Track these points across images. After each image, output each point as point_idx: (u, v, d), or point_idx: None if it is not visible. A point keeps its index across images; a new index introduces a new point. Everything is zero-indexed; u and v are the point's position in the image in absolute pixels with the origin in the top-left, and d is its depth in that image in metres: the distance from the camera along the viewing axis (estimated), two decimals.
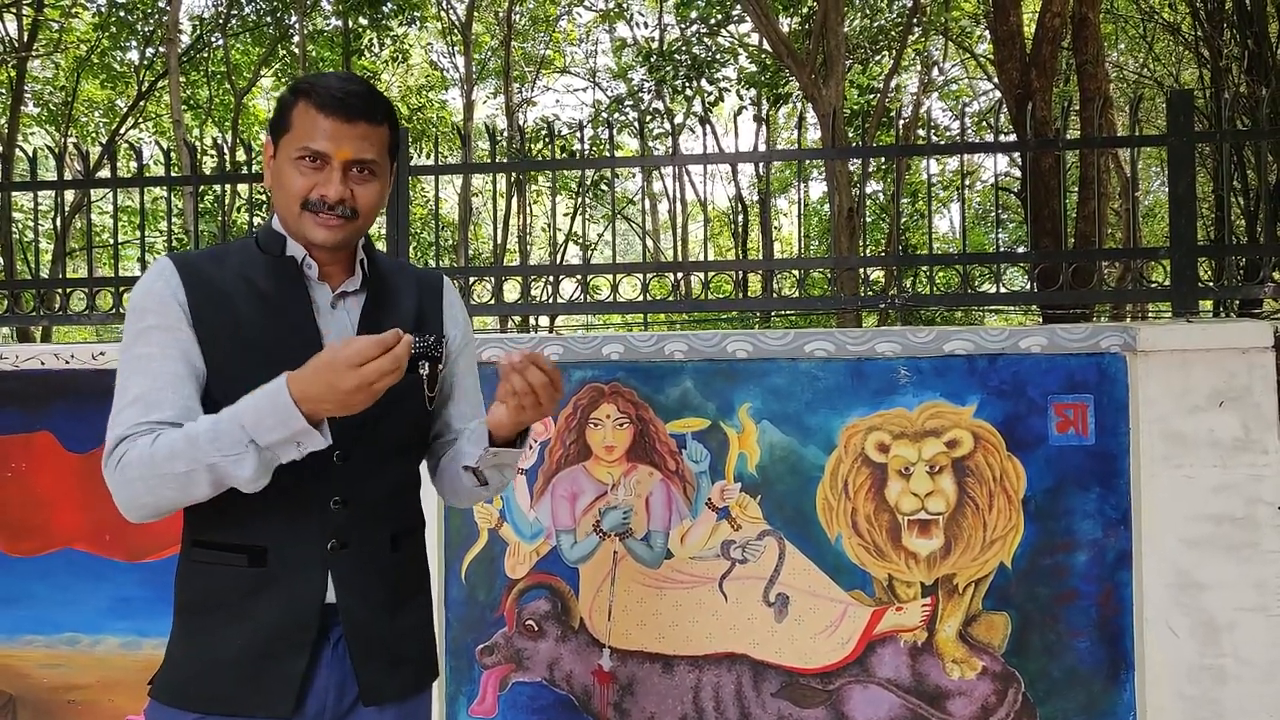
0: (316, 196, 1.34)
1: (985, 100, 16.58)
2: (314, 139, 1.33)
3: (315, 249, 1.40)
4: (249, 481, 1.25)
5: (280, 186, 1.37)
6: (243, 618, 1.34)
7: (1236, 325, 2.38)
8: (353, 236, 1.40)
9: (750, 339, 2.48)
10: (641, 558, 2.49)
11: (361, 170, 1.37)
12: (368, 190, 1.38)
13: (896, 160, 3.34)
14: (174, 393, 1.31)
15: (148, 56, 14.18)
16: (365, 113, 1.35)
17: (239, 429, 1.22)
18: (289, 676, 1.33)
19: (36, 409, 2.69)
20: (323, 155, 1.33)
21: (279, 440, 1.22)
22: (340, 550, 1.37)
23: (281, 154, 1.37)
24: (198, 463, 1.23)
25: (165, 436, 1.26)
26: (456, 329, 1.57)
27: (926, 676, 2.42)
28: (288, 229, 1.40)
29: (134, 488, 1.27)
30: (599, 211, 15.92)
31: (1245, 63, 7.65)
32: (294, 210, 1.36)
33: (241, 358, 1.35)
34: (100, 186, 3.33)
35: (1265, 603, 2.32)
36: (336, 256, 1.43)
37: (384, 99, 1.41)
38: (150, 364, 1.32)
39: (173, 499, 1.27)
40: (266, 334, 1.37)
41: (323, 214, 1.35)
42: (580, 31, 19.56)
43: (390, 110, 1.41)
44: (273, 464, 1.26)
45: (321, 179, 1.34)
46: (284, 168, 1.36)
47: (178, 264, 1.38)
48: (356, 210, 1.37)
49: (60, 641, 2.68)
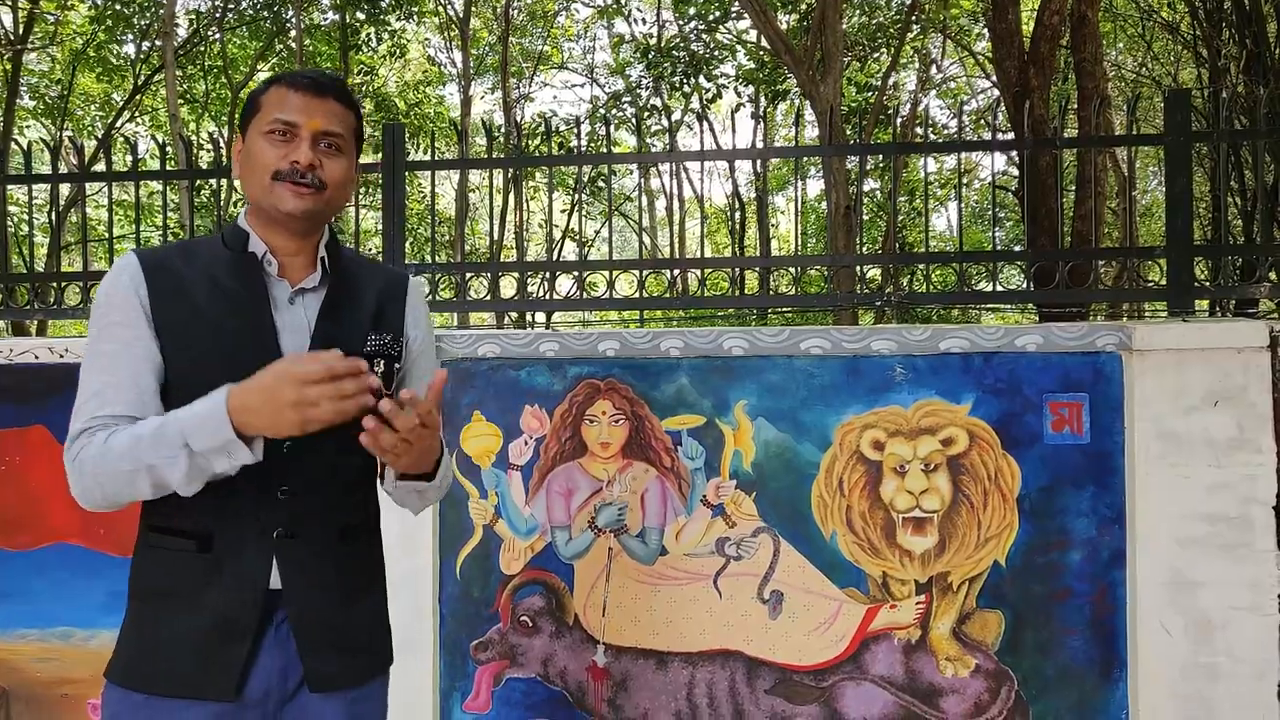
0: (287, 165, 1.37)
1: (983, 98, 16.58)
2: (284, 110, 1.38)
3: (283, 227, 1.41)
4: (180, 485, 1.27)
5: (250, 163, 1.40)
6: (190, 601, 1.36)
7: (1232, 325, 2.38)
8: (321, 210, 1.41)
9: (746, 336, 2.48)
10: (636, 554, 2.49)
11: (330, 146, 1.40)
12: (335, 165, 1.41)
13: (894, 158, 3.34)
14: (132, 388, 1.34)
15: (144, 50, 14.14)
16: (334, 92, 1.42)
17: (178, 432, 1.25)
18: (232, 660, 1.35)
19: (31, 403, 2.68)
20: (292, 125, 1.38)
21: (210, 447, 1.25)
22: (287, 539, 1.39)
23: (251, 134, 1.41)
24: (140, 462, 1.26)
25: (119, 434, 1.29)
26: (417, 330, 1.58)
27: (920, 674, 2.42)
28: (257, 207, 1.42)
29: (86, 481, 1.31)
30: (596, 208, 15.92)
31: (1243, 62, 7.66)
32: (264, 182, 1.38)
33: (198, 352, 1.37)
34: (95, 180, 3.32)
35: (1258, 602, 2.33)
36: (300, 247, 1.44)
37: (352, 94, 1.46)
38: (110, 359, 1.35)
39: (122, 493, 1.31)
40: (223, 329, 1.39)
41: (293, 182, 1.37)
42: (578, 27, 19.54)
43: (358, 106, 1.47)
44: (206, 471, 1.27)
45: (291, 149, 1.38)
46: (254, 144, 1.39)
47: (142, 260, 1.40)
48: (325, 183, 1.39)
49: (54, 635, 2.68)
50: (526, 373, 2.53)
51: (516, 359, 2.53)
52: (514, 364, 2.54)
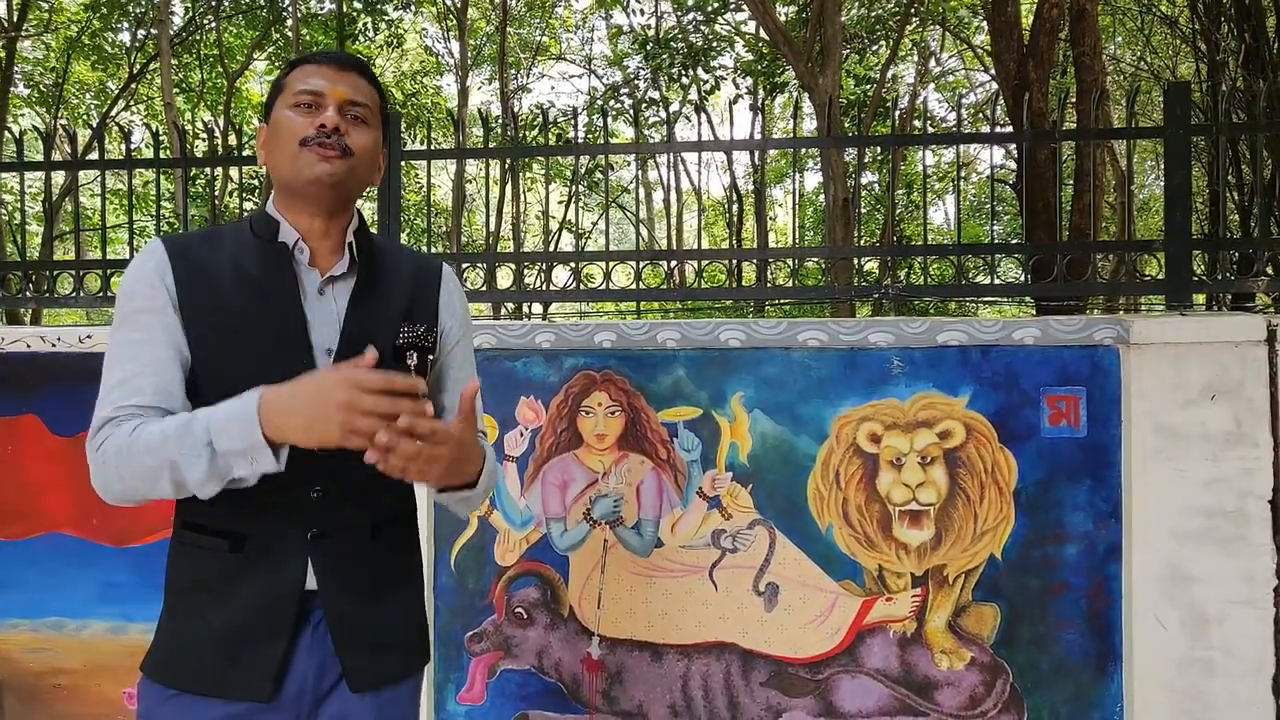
0: (314, 129, 1.35)
1: (982, 91, 16.56)
2: (308, 82, 1.38)
3: (313, 195, 1.38)
4: (198, 485, 1.23)
5: (276, 138, 1.39)
6: (224, 601, 1.35)
7: (1230, 319, 2.37)
8: (349, 178, 1.38)
9: (743, 328, 2.46)
10: (632, 546, 2.49)
11: (355, 117, 1.39)
12: (361, 133, 1.40)
13: (892, 150, 3.34)
14: (157, 377, 1.31)
15: (139, 38, 14.07)
16: (357, 67, 1.43)
17: (204, 429, 1.22)
18: (267, 660, 1.34)
19: (23, 392, 2.67)
20: (318, 95, 1.37)
21: (234, 449, 1.21)
22: (320, 539, 1.37)
23: (277, 111, 1.40)
24: (164, 458, 1.23)
25: (145, 427, 1.26)
26: (454, 319, 1.54)
27: (915, 667, 2.42)
28: (286, 187, 1.39)
29: (108, 473, 1.28)
30: (593, 200, 15.88)
31: (1242, 56, 7.65)
32: (293, 150, 1.36)
33: (225, 342, 1.34)
34: (88, 168, 3.30)
35: (1254, 596, 2.33)
36: (328, 228, 1.41)
37: (376, 74, 1.48)
38: (136, 348, 1.32)
39: (142, 491, 1.27)
40: (251, 319, 1.36)
41: (320, 146, 1.35)
42: (576, 18, 19.47)
43: (381, 87, 1.46)
44: (225, 475, 1.23)
45: (317, 116, 1.37)
46: (281, 119, 1.39)
47: (168, 246, 1.38)
48: (351, 149, 1.37)
49: (46, 625, 2.67)
50: (522, 364, 2.52)
51: (512, 350, 2.52)
52: (510, 355, 2.52)
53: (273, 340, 1.35)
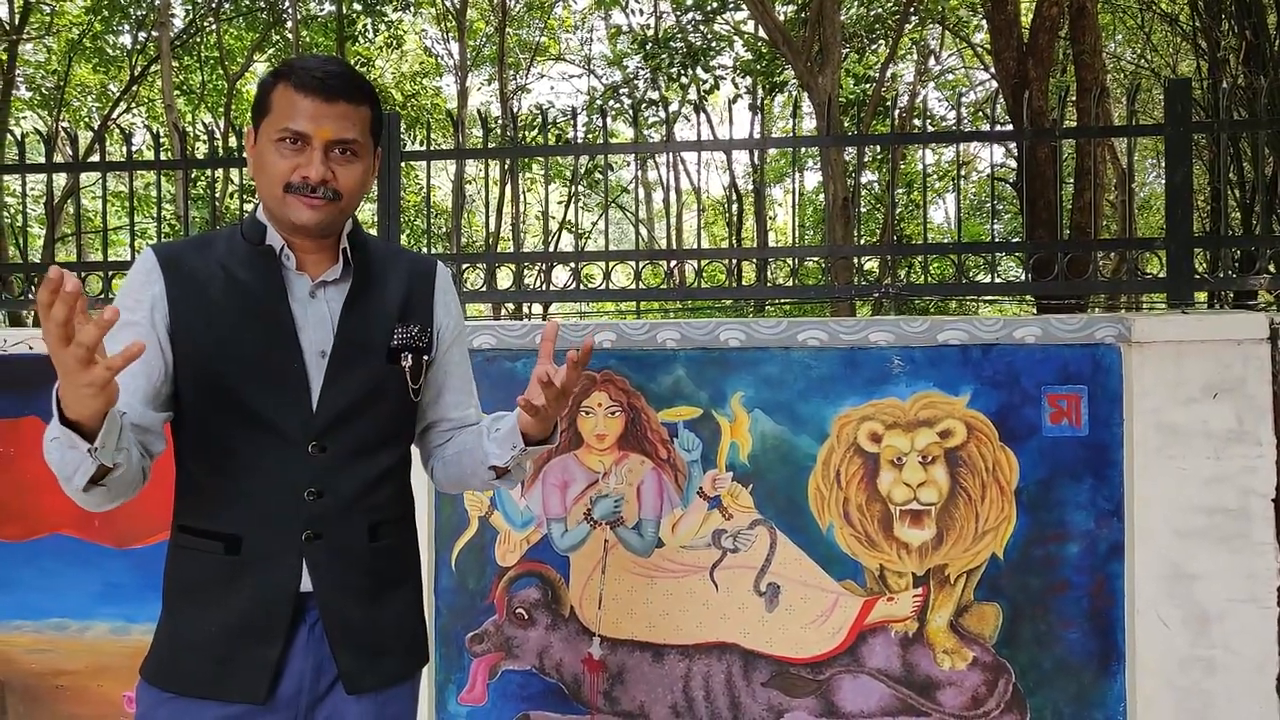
0: (299, 179, 1.32)
1: (982, 90, 16.54)
2: (294, 119, 1.31)
3: (299, 234, 1.38)
4: (65, 481, 1.20)
5: (262, 170, 1.35)
6: (219, 603, 1.35)
7: (1231, 316, 2.37)
8: (337, 219, 1.38)
9: (743, 328, 2.46)
10: (632, 546, 2.48)
11: (343, 151, 1.35)
12: (350, 171, 1.36)
13: (892, 149, 3.33)
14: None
15: (140, 41, 14.08)
16: (345, 93, 1.34)
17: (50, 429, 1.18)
18: (262, 663, 1.34)
19: (24, 393, 2.67)
20: (303, 135, 1.32)
21: (53, 436, 1.18)
22: (315, 540, 1.37)
23: (263, 137, 1.36)
24: (50, 460, 1.21)
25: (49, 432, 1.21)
26: (449, 318, 1.54)
27: (917, 667, 2.42)
28: (271, 214, 1.38)
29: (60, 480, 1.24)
30: (593, 200, 15.89)
31: (1243, 54, 7.63)
32: (277, 193, 1.34)
33: (216, 345, 1.35)
34: (89, 170, 3.30)
35: (1256, 594, 2.32)
36: (320, 244, 1.41)
37: (364, 80, 1.39)
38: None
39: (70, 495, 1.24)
40: (240, 322, 1.36)
41: (305, 195, 1.32)
42: (575, 18, 19.47)
43: (371, 92, 1.39)
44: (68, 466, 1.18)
45: (303, 160, 1.32)
46: (265, 151, 1.35)
47: (159, 255, 1.38)
48: (339, 192, 1.35)
49: (48, 627, 2.67)
50: (522, 364, 2.52)
51: (512, 350, 2.52)
52: (510, 355, 2.52)
53: (262, 343, 1.35)
